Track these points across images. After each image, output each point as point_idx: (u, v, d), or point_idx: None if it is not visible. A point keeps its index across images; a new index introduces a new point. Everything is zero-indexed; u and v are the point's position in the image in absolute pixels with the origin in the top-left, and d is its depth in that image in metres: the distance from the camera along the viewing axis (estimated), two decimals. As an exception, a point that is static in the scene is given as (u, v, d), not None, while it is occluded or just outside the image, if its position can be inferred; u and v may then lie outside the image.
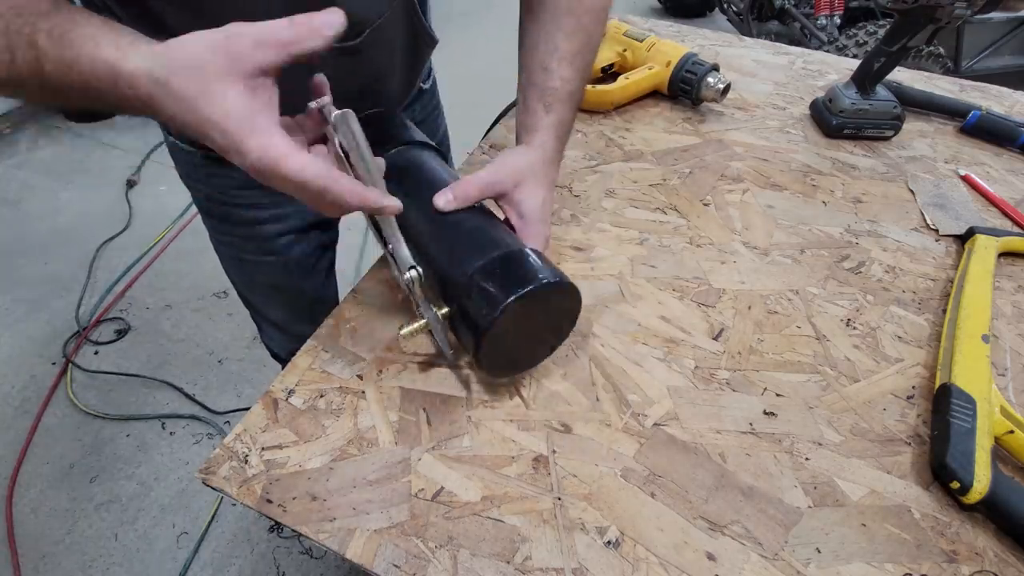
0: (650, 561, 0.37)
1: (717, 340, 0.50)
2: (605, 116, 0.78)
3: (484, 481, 0.41)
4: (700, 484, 0.41)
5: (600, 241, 0.60)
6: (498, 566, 0.36)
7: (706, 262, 0.58)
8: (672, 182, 0.68)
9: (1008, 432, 0.41)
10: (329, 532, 0.38)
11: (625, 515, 0.39)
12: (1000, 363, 0.49)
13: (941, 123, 0.80)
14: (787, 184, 0.68)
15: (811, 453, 0.43)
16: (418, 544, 0.37)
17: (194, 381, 1.48)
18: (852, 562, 0.37)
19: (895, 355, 0.50)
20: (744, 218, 0.63)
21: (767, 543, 0.38)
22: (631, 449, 0.43)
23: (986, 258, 0.56)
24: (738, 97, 0.83)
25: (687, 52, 0.77)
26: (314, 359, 0.48)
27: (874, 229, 0.62)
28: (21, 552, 1.18)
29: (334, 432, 0.43)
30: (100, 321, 1.63)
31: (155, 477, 1.30)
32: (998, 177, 0.70)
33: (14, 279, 1.75)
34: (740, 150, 0.73)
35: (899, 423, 0.45)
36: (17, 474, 1.30)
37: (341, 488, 0.40)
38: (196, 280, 1.74)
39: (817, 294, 0.55)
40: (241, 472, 0.41)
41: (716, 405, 0.45)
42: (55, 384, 1.47)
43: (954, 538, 0.38)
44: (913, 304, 0.54)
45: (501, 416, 0.44)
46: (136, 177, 2.14)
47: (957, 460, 0.39)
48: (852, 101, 0.73)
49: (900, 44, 0.68)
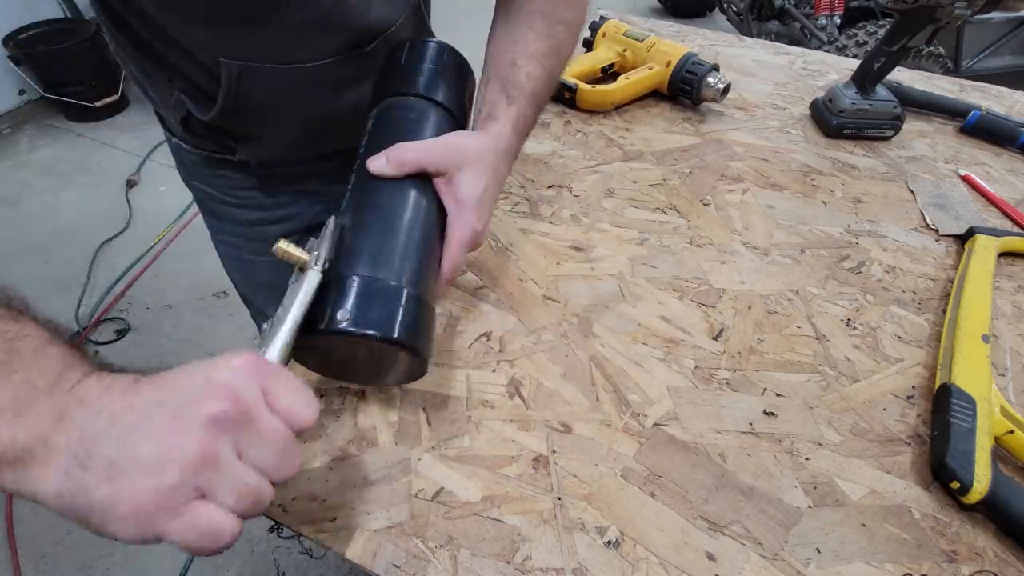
0: (650, 561, 0.37)
1: (717, 340, 0.50)
2: (605, 116, 0.78)
3: (484, 481, 0.41)
4: (700, 484, 0.41)
5: (600, 241, 0.60)
6: (498, 566, 0.36)
7: (706, 262, 0.58)
8: (672, 182, 0.68)
9: (1008, 432, 0.41)
10: (329, 532, 0.38)
11: (625, 515, 0.39)
12: (1000, 363, 0.49)
13: (941, 123, 0.80)
14: (787, 184, 0.68)
15: (811, 453, 0.43)
16: (418, 544, 0.37)
17: (194, 381, 1.48)
18: (852, 562, 0.37)
19: (895, 355, 0.50)
20: (744, 218, 0.63)
21: (767, 543, 0.38)
22: (631, 449, 0.43)
23: (986, 258, 0.56)
24: (738, 97, 0.83)
25: (687, 52, 0.77)
26: (314, 359, 0.48)
27: (874, 229, 0.62)
28: (21, 552, 1.18)
29: (334, 432, 0.43)
30: (100, 321, 1.63)
31: (155, 477, 1.30)
32: (998, 177, 0.70)
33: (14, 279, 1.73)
34: (740, 150, 0.73)
35: (899, 423, 0.45)
36: (17, 474, 1.30)
37: (341, 488, 0.40)
38: (196, 280, 1.74)
39: (817, 294, 0.55)
40: (241, 472, 0.41)
41: (716, 405, 0.45)
42: (55, 384, 1.47)
43: (954, 538, 0.38)
44: (913, 304, 0.54)
45: (501, 416, 0.44)
46: (136, 177, 2.14)
47: (957, 460, 0.39)
48: (852, 101, 0.73)
49: (900, 44, 0.68)
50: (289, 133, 0.57)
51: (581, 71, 0.80)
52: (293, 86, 0.51)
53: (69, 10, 2.41)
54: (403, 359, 0.38)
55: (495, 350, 0.49)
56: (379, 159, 0.41)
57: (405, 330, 0.36)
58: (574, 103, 0.78)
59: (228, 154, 0.59)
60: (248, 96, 0.50)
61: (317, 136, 0.59)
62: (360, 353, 0.38)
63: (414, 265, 0.39)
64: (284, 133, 0.57)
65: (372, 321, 0.35)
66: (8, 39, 2.19)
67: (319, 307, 0.35)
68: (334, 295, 0.35)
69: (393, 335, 0.35)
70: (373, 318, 0.35)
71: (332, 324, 0.34)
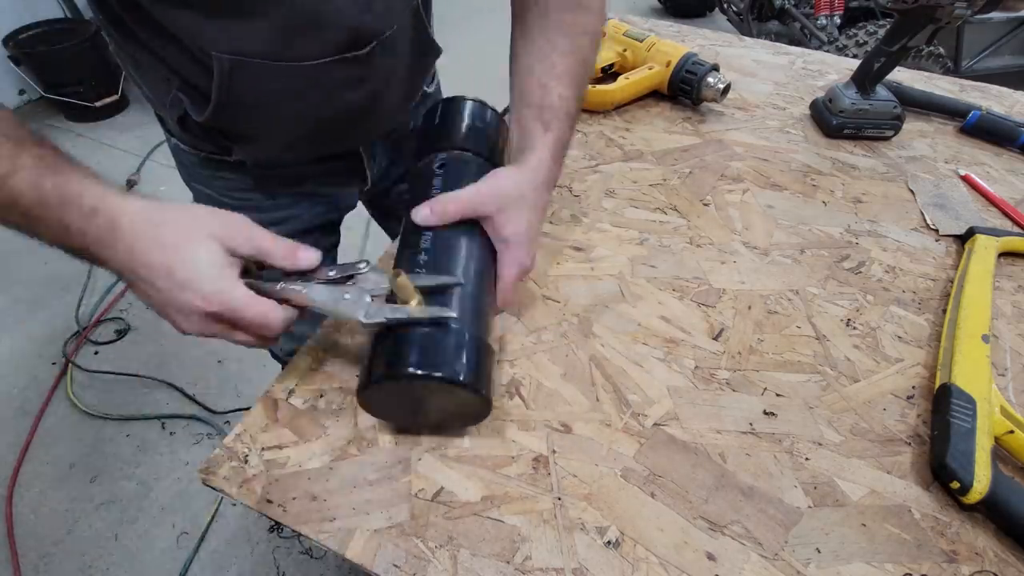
0: (650, 561, 0.37)
1: (717, 340, 0.50)
2: (605, 116, 0.78)
3: (484, 481, 0.41)
4: (700, 484, 0.41)
5: (600, 241, 0.60)
6: (498, 566, 0.36)
7: (706, 262, 0.58)
8: (672, 182, 0.68)
9: (1008, 432, 0.41)
10: (329, 532, 0.38)
11: (625, 515, 0.39)
12: (1000, 363, 0.49)
13: (941, 123, 0.80)
14: (787, 184, 0.68)
15: (811, 453, 0.43)
16: (418, 544, 0.37)
17: (194, 381, 1.48)
18: (852, 562, 0.37)
19: (895, 355, 0.50)
20: (744, 218, 0.63)
21: (767, 543, 0.38)
22: (631, 449, 0.43)
23: (986, 258, 0.56)
24: (738, 97, 0.83)
25: (687, 52, 0.77)
26: (314, 359, 0.48)
27: (874, 229, 0.62)
28: (21, 552, 1.18)
29: (334, 432, 0.43)
30: (100, 321, 1.63)
31: (155, 477, 1.30)
32: (998, 177, 0.70)
33: (14, 279, 1.75)
34: (740, 150, 0.73)
35: (899, 423, 0.45)
36: (17, 474, 1.30)
37: (341, 488, 0.40)
38: (196, 280, 1.74)
39: (817, 294, 0.55)
40: (241, 472, 0.41)
41: (716, 405, 0.45)
42: (55, 384, 1.47)
43: (954, 538, 0.38)
44: (913, 304, 0.54)
45: (501, 416, 0.44)
46: (136, 177, 2.14)
47: (957, 460, 0.39)
48: (852, 101, 0.73)
49: (900, 44, 0.68)
50: (284, 134, 0.57)
51: (581, 71, 0.80)
52: (285, 85, 0.51)
53: (69, 10, 2.41)
54: (467, 400, 0.39)
55: (495, 350, 0.49)
56: (423, 210, 0.43)
57: (468, 372, 0.37)
58: (574, 103, 0.78)
59: (225, 155, 0.59)
60: (241, 93, 0.50)
61: (314, 138, 0.59)
62: (425, 395, 0.39)
63: (471, 306, 0.41)
64: (279, 134, 0.57)
65: (436, 364, 0.37)
66: (8, 39, 2.19)
67: (387, 354, 0.38)
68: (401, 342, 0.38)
69: (458, 378, 0.37)
70: (438, 361, 0.37)
71: (398, 368, 0.37)
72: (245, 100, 0.51)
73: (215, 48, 0.46)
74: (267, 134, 0.57)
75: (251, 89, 0.50)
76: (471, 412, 0.41)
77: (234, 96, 0.50)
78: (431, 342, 0.37)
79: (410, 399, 0.39)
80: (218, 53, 0.46)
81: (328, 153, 0.62)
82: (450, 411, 0.41)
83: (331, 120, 0.56)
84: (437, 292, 0.40)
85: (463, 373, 0.37)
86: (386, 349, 0.38)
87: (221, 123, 0.54)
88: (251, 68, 0.48)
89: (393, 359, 0.37)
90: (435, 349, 0.37)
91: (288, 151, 0.60)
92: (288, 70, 0.49)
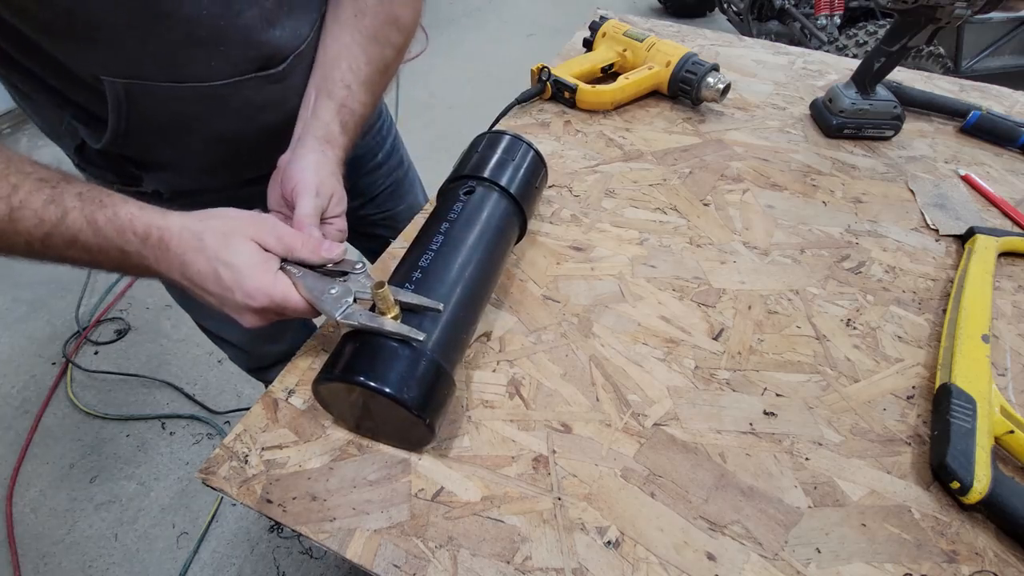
0: (650, 561, 0.37)
1: (717, 340, 0.50)
2: (605, 116, 0.78)
3: (484, 481, 0.41)
4: (700, 484, 0.41)
5: (600, 241, 0.60)
6: (498, 566, 0.36)
7: (706, 262, 0.58)
8: (672, 182, 0.68)
9: (1008, 432, 0.41)
10: (329, 532, 0.38)
11: (625, 515, 0.39)
12: (1000, 363, 0.49)
13: (941, 123, 0.80)
14: (787, 184, 0.68)
15: (811, 453, 0.43)
16: (418, 544, 0.37)
17: (194, 381, 1.48)
18: (852, 562, 0.37)
19: (895, 355, 0.50)
20: (744, 218, 0.63)
21: (767, 543, 0.38)
22: (631, 449, 0.43)
23: (986, 258, 0.56)
24: (738, 97, 0.83)
25: (687, 52, 0.77)
26: (314, 359, 0.48)
27: (874, 229, 0.62)
28: (21, 552, 1.18)
29: (334, 432, 0.43)
30: (100, 321, 1.63)
31: (155, 477, 1.31)
32: (998, 177, 0.70)
33: (14, 279, 1.75)
34: (740, 150, 0.73)
35: (899, 423, 0.45)
36: (17, 474, 1.30)
37: (341, 488, 0.40)
38: (196, 280, 1.74)
39: (817, 294, 0.55)
40: (241, 472, 0.41)
41: (716, 405, 0.45)
42: (55, 384, 1.47)
43: (954, 538, 0.38)
44: (913, 304, 0.54)
45: (501, 416, 0.44)
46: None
47: (957, 460, 0.39)
48: (852, 101, 0.73)
49: (900, 44, 0.68)
50: (197, 158, 0.55)
51: (581, 71, 0.80)
52: (190, 107, 0.49)
53: None
54: (410, 422, 0.39)
55: (495, 350, 0.49)
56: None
57: (416, 395, 0.37)
58: (574, 103, 0.78)
59: (135, 184, 0.55)
60: (143, 118, 0.48)
61: (232, 162, 0.56)
62: (372, 406, 0.39)
63: (444, 335, 0.41)
64: (191, 158, 0.55)
65: (386, 378, 0.37)
66: None
67: (347, 355, 0.39)
68: (362, 349, 0.39)
69: (403, 398, 0.37)
70: (390, 377, 0.37)
71: (350, 373, 0.38)
72: (148, 125, 0.49)
73: (105, 72, 0.44)
74: (179, 160, 0.54)
75: (153, 113, 0.48)
76: (414, 436, 0.41)
77: (134, 121, 0.48)
78: (390, 357, 0.38)
79: (359, 406, 0.40)
80: (109, 78, 0.44)
81: (254, 175, 0.57)
82: (395, 428, 0.41)
83: (250, 142, 0.54)
84: (418, 312, 0.40)
85: (410, 395, 0.37)
86: (347, 351, 0.39)
87: (126, 150, 0.51)
88: (150, 91, 0.46)
89: (350, 362, 0.38)
90: (390, 365, 0.38)
91: (208, 176, 0.58)
92: (192, 91, 0.47)
